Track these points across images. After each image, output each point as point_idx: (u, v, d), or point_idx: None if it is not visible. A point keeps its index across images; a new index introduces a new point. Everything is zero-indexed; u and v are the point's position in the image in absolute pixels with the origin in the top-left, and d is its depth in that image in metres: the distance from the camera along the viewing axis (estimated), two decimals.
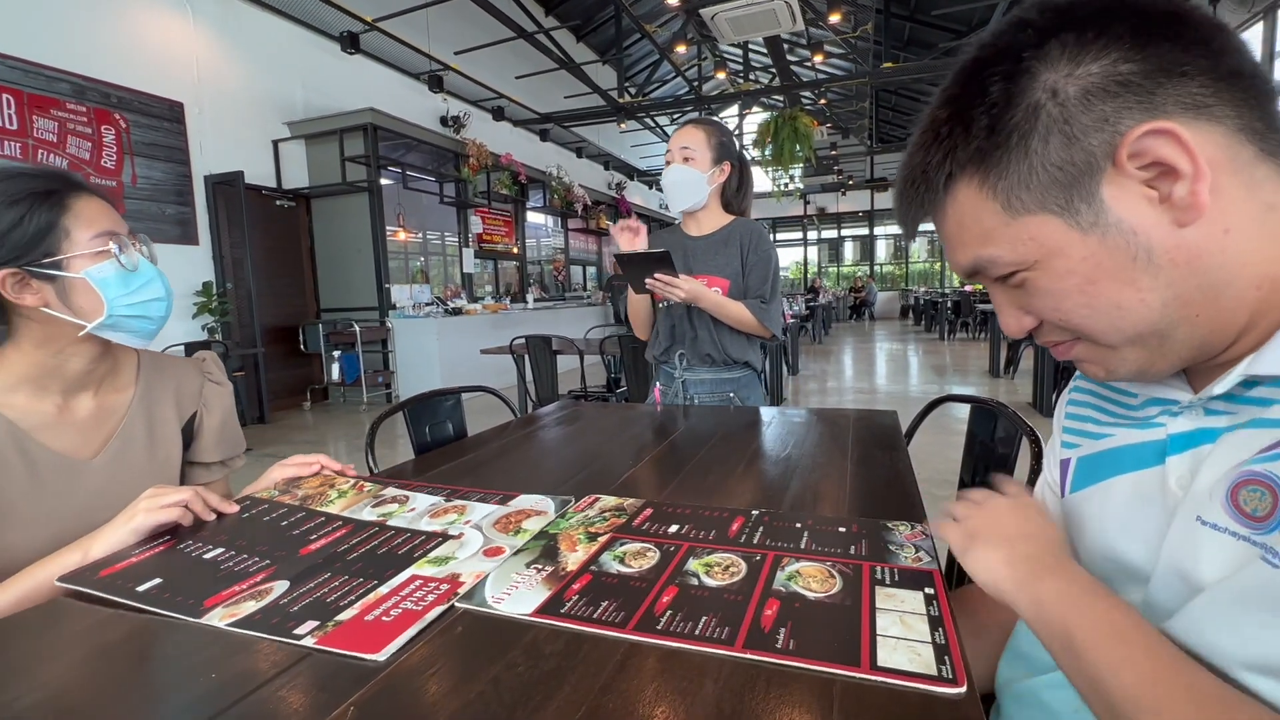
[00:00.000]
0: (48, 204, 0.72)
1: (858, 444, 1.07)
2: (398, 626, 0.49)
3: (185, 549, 0.65)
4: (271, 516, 0.74)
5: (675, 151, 1.56)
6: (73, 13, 4.31)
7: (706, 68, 10.91)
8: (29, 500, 0.73)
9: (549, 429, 1.30)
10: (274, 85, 5.78)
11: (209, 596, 0.55)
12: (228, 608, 0.53)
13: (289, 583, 0.57)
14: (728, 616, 0.49)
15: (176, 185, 4.95)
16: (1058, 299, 0.44)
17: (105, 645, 0.50)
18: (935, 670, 0.41)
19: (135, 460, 0.83)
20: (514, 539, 0.65)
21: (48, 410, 0.77)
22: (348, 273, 6.25)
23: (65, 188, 0.74)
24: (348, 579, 0.58)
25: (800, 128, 8.14)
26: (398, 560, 0.62)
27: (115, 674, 0.46)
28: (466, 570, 0.59)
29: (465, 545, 0.64)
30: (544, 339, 3.78)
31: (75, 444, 0.78)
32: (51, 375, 0.77)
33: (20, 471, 0.73)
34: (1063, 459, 0.57)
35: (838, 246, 18.40)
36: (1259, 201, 0.39)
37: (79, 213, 0.74)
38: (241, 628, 0.50)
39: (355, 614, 0.51)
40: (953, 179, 0.44)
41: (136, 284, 0.77)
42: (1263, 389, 0.41)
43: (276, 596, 0.55)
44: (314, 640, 0.48)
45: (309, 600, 0.54)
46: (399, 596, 0.54)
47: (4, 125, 3.94)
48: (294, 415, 5.64)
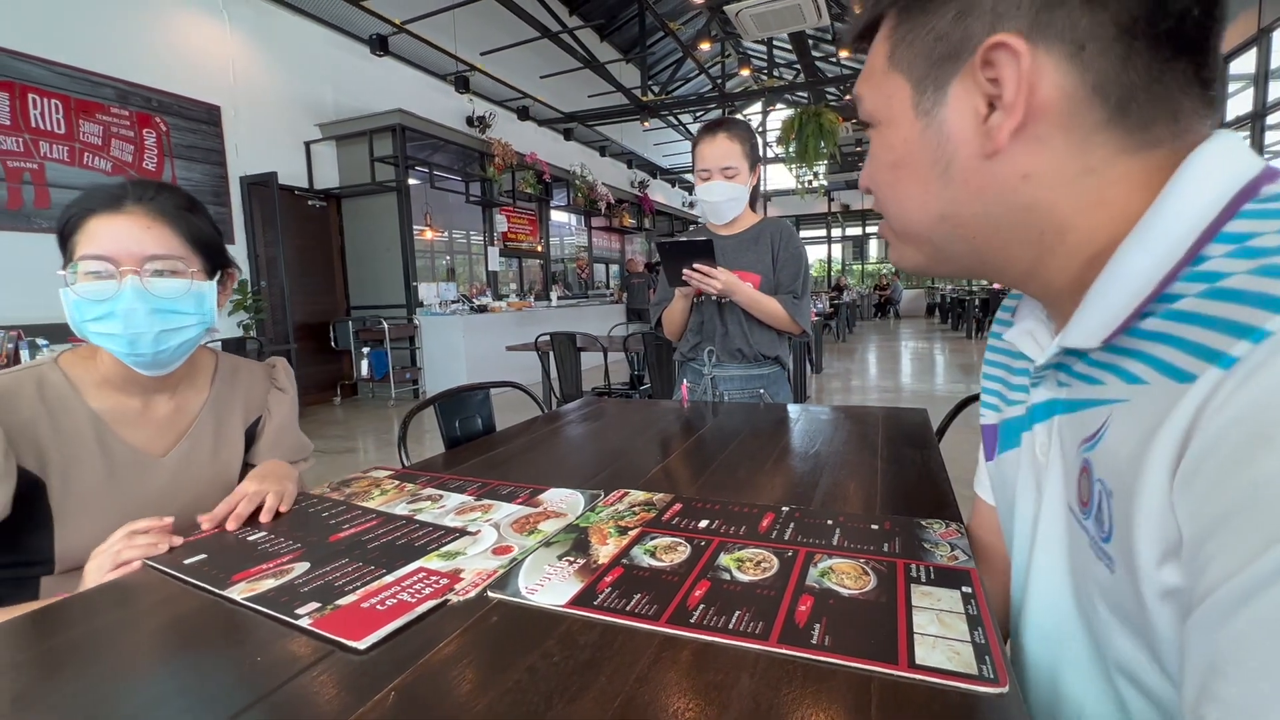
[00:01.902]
0: (72, 217, 0.75)
1: (887, 442, 1.05)
2: (387, 617, 0.50)
3: (239, 532, 0.70)
4: (315, 509, 0.77)
5: (716, 170, 1.50)
6: (118, 20, 4.46)
7: (730, 65, 10.84)
8: (103, 491, 0.76)
9: (575, 425, 1.30)
10: (306, 88, 5.90)
11: (238, 572, 0.59)
12: (250, 583, 0.57)
13: (310, 565, 0.60)
14: (761, 611, 0.49)
15: (213, 186, 5.09)
16: (874, 168, 0.45)
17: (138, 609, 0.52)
18: (976, 669, 0.41)
19: (200, 460, 0.85)
20: (527, 539, 0.65)
21: (132, 407, 0.81)
22: (376, 271, 6.37)
23: (103, 206, 0.75)
24: (360, 565, 0.60)
25: (825, 124, 8.05)
26: (412, 552, 0.63)
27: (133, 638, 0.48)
28: (470, 567, 0.59)
29: (478, 542, 0.65)
30: (568, 336, 3.80)
31: (150, 440, 0.82)
32: (126, 378, 0.80)
33: (98, 462, 0.76)
34: (985, 424, 0.58)
35: (862, 244, 18.15)
36: (1079, 162, 0.36)
37: (89, 231, 0.74)
38: (254, 603, 0.53)
39: (355, 600, 0.53)
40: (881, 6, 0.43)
41: (94, 314, 0.73)
42: (1085, 365, 0.40)
43: (294, 577, 0.58)
44: (309, 621, 0.50)
45: (320, 583, 0.56)
46: (400, 587, 0.55)
47: (53, 129, 4.09)
48: (325, 410, 5.76)
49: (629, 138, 11.37)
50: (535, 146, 8.36)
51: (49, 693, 0.43)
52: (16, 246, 3.90)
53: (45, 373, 0.76)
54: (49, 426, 0.74)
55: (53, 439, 0.74)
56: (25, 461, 0.71)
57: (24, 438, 0.71)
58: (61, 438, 0.74)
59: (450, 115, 7.29)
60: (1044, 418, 0.46)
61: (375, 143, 6.02)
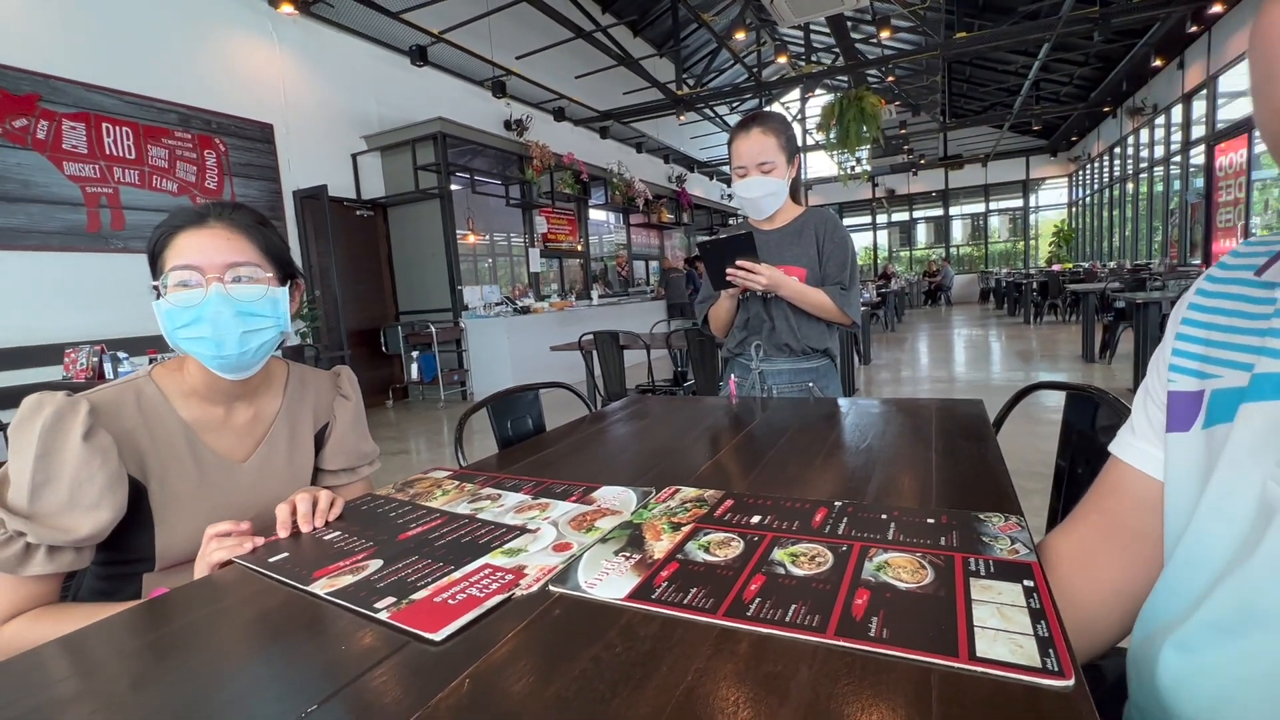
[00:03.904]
0: (160, 236, 0.81)
1: (941, 434, 1.03)
2: (459, 610, 0.53)
3: (315, 533, 0.75)
4: (384, 509, 0.81)
5: (752, 167, 1.48)
6: (178, 48, 4.73)
7: (766, 53, 10.68)
8: (194, 494, 0.82)
9: (622, 423, 1.32)
10: (351, 101, 6.13)
11: (319, 568, 0.63)
12: (331, 579, 0.61)
13: (383, 562, 0.64)
14: (817, 605, 0.50)
15: (269, 201, 5.34)
16: None
17: (232, 602, 0.56)
18: (1039, 663, 0.40)
19: (277, 464, 0.91)
20: (584, 536, 0.67)
21: (215, 415, 0.87)
22: (423, 276, 6.56)
23: (188, 222, 0.81)
24: (430, 562, 0.63)
25: (867, 108, 7.86)
26: (477, 549, 0.66)
27: (228, 629, 0.52)
28: (533, 563, 0.61)
29: (539, 539, 0.68)
30: (611, 334, 3.84)
31: (232, 446, 0.88)
32: (211, 386, 0.86)
33: (190, 467, 0.83)
34: (1177, 391, 0.50)
35: (909, 229, 17.61)
36: None
37: (177, 246, 0.80)
38: (336, 597, 0.57)
39: (428, 594, 0.56)
40: None
41: (183, 321, 0.79)
42: None
43: (370, 573, 0.61)
44: (388, 615, 0.53)
45: (394, 579, 0.60)
46: (468, 582, 0.58)
47: (125, 155, 4.37)
48: (378, 413, 5.98)
49: (665, 133, 11.35)
50: (572, 146, 8.44)
51: (160, 678, 0.47)
52: (98, 267, 4.18)
53: (141, 385, 0.83)
54: (147, 435, 0.80)
55: (151, 447, 0.80)
56: (129, 468, 0.77)
57: (128, 446, 0.77)
58: (158, 445, 0.81)
59: (488, 120, 7.44)
60: None
61: (418, 151, 6.20)
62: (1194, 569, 0.45)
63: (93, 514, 0.71)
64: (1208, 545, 0.45)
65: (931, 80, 9.99)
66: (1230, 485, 0.43)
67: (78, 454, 0.70)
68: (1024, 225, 16.34)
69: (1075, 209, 15.49)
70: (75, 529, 0.70)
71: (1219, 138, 7.75)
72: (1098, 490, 0.58)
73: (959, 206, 16.80)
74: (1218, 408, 0.47)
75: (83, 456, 0.71)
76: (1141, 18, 7.21)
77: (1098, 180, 13.52)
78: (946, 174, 16.05)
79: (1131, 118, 10.69)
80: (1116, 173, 12.12)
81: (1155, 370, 0.54)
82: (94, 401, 0.75)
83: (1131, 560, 0.54)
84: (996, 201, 16.52)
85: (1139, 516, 0.54)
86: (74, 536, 0.70)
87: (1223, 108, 7.80)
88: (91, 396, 0.76)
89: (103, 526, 0.72)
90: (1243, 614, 0.40)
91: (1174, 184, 9.39)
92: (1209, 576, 0.44)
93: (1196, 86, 8.27)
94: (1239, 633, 0.41)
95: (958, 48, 7.54)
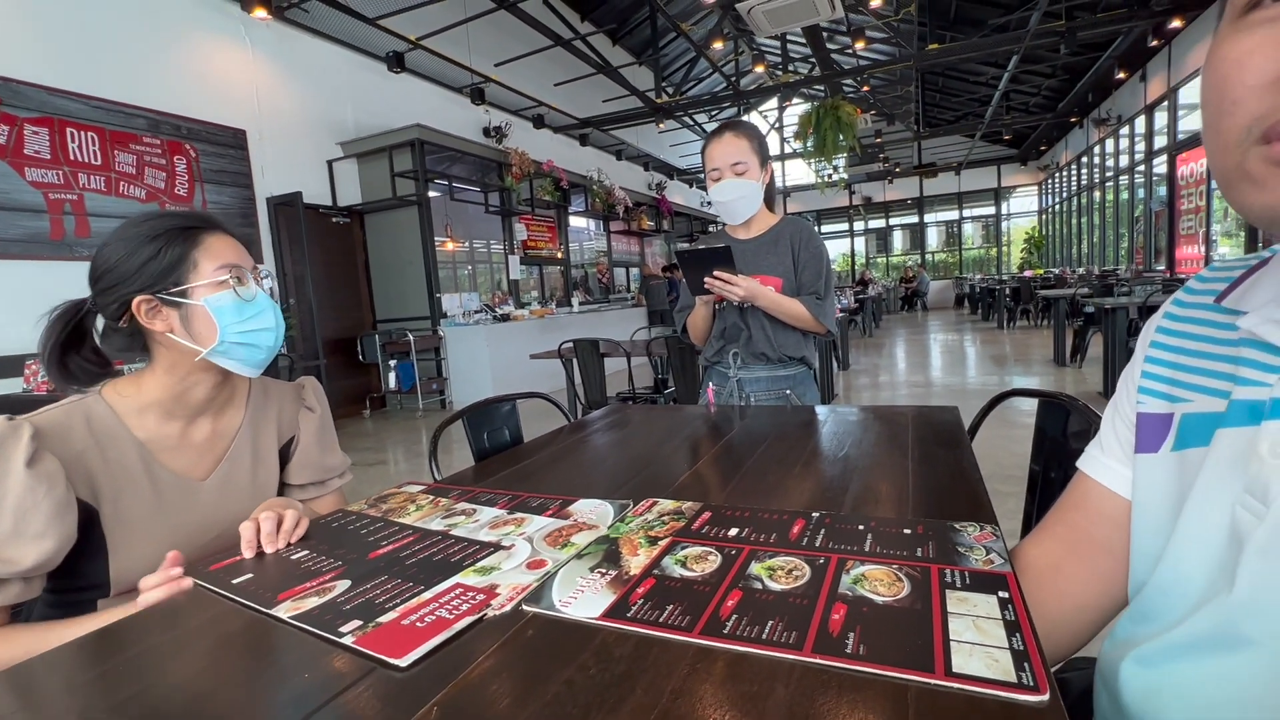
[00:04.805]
0: (183, 238, 0.80)
1: (918, 442, 1.04)
2: (427, 633, 0.51)
3: (282, 551, 0.72)
4: (355, 526, 0.79)
5: (725, 168, 1.50)
6: (147, 52, 4.62)
7: (744, 62, 10.80)
8: (151, 516, 0.79)
9: (602, 433, 1.31)
10: (326, 107, 6.05)
11: (284, 590, 0.61)
12: (295, 601, 0.59)
13: (351, 582, 0.62)
14: (794, 620, 0.49)
15: (242, 208, 5.24)
16: None
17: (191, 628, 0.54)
18: (1015, 677, 0.40)
19: (240, 481, 0.88)
20: (559, 553, 0.66)
21: (172, 433, 0.84)
22: (400, 284, 6.48)
23: (203, 226, 0.82)
24: (400, 582, 0.61)
25: (843, 116, 7.97)
26: (449, 568, 0.64)
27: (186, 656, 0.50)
28: (506, 582, 0.60)
29: (512, 556, 0.66)
30: (591, 342, 3.82)
31: (191, 465, 0.85)
32: (178, 401, 0.83)
33: (146, 489, 0.80)
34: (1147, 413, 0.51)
35: (886, 236, 17.88)
36: None
37: (208, 247, 0.81)
38: (300, 621, 0.55)
39: (396, 616, 0.54)
40: None
41: (249, 314, 0.82)
42: None
43: (337, 594, 0.60)
44: (353, 639, 0.51)
45: (362, 600, 0.58)
46: (438, 603, 0.56)
47: (90, 161, 4.26)
48: (355, 423, 5.88)
49: (645, 140, 11.39)
50: (552, 154, 8.43)
51: (111, 711, 0.45)
52: (61, 275, 4.06)
53: (91, 405, 0.80)
54: (99, 457, 0.77)
55: (103, 468, 0.77)
56: (79, 491, 0.74)
57: (78, 469, 0.74)
58: (110, 467, 0.78)
59: (467, 127, 7.39)
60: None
61: (395, 158, 6.14)
62: (1169, 595, 0.46)
63: (38, 543, 0.67)
64: (1185, 572, 0.45)
65: (905, 90, 10.18)
66: (1204, 511, 0.44)
67: (21, 481, 0.67)
68: (996, 232, 16.69)
69: (1045, 216, 15.87)
70: (20, 560, 0.67)
71: (1180, 148, 8.01)
72: (1065, 503, 0.59)
73: (934, 214, 17.11)
74: (1189, 431, 0.48)
75: (27, 484, 0.67)
76: (1105, 32, 7.43)
77: (1066, 188, 13.88)
78: (921, 182, 16.34)
79: (1097, 128, 11.00)
80: (1084, 181, 12.45)
81: (1125, 388, 0.55)
82: (38, 424, 0.72)
83: (1094, 574, 0.55)
84: (970, 209, 16.85)
85: (1105, 532, 0.54)
86: (19, 568, 0.67)
87: (1183, 119, 8.06)
88: (35, 419, 0.73)
89: (50, 556, 0.69)
90: (1219, 639, 0.41)
91: (1139, 192, 9.67)
92: (1186, 603, 0.44)
93: (1158, 98, 8.54)
94: (1212, 654, 0.41)
95: (930, 59, 7.69)
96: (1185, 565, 0.45)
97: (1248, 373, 0.44)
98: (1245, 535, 0.41)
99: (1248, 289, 0.47)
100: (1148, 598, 0.49)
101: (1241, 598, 0.40)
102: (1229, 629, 0.41)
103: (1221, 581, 0.42)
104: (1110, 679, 0.48)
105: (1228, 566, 0.42)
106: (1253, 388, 0.43)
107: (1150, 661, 0.45)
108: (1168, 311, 0.54)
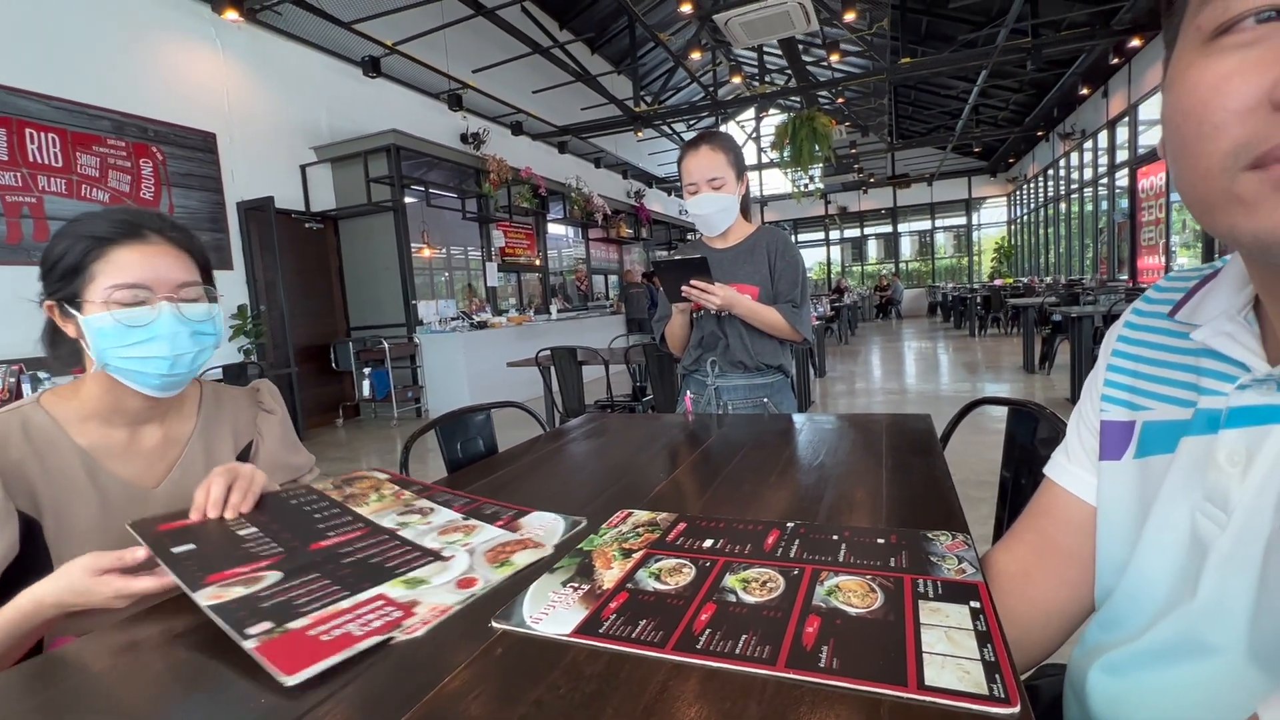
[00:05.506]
0: (90, 247, 0.75)
1: (891, 450, 1.05)
2: (327, 650, 0.48)
3: (233, 523, 0.71)
4: (311, 506, 0.78)
5: (702, 183, 1.51)
6: (112, 53, 4.51)
7: (721, 72, 10.91)
8: (98, 526, 0.76)
9: (578, 442, 1.30)
10: (300, 112, 5.96)
11: (215, 572, 0.59)
12: (221, 588, 0.57)
13: (282, 575, 0.60)
14: (768, 634, 0.49)
15: (211, 213, 5.12)
16: None
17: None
18: (986, 689, 0.40)
19: (193, 489, 0.85)
20: (494, 573, 0.63)
21: (118, 439, 0.81)
22: (375, 291, 6.39)
23: (122, 235, 0.76)
24: (328, 583, 0.59)
25: (819, 128, 8.10)
26: (381, 573, 0.62)
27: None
28: (428, 600, 0.57)
29: (448, 570, 0.63)
30: (569, 350, 3.80)
31: (140, 473, 0.82)
32: (114, 409, 0.81)
33: (91, 497, 0.77)
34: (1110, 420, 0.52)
35: (861, 245, 18.18)
36: None
37: (115, 260, 0.75)
38: (216, 613, 0.53)
39: (306, 624, 0.52)
40: None
41: (133, 339, 0.75)
42: None
43: (263, 587, 0.58)
44: (255, 644, 0.49)
45: (283, 598, 0.56)
46: (353, 615, 0.54)
47: (50, 163, 4.13)
48: (328, 432, 5.76)
49: (624, 148, 11.43)
50: (530, 161, 8.41)
51: None
52: (18, 280, 3.92)
53: (29, 413, 0.77)
54: (38, 466, 0.74)
55: (43, 478, 0.74)
56: (19, 503, 0.71)
57: (15, 479, 0.71)
58: (51, 476, 0.75)
59: (444, 133, 7.34)
60: (1244, 424, 0.41)
61: (370, 163, 6.06)
62: (1136, 602, 0.46)
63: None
64: (1150, 579, 0.46)
65: (879, 102, 10.38)
66: (1167, 518, 0.45)
67: None
68: (968, 242, 17.07)
69: (1014, 227, 16.28)
70: None
71: (1140, 162, 8.29)
72: (1034, 510, 0.59)
73: (907, 223, 17.44)
74: (1150, 439, 0.48)
75: None
76: (1069, 49, 7.68)
77: (1034, 200, 14.26)
78: (895, 192, 16.65)
79: (1063, 141, 11.34)
80: (1051, 193, 12.81)
81: (1089, 396, 0.56)
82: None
83: (1063, 581, 0.55)
84: (942, 219, 17.22)
85: (1072, 538, 0.55)
86: None
87: (1143, 134, 8.35)
88: None
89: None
90: (1183, 647, 0.41)
91: (1102, 204, 9.98)
92: (1151, 610, 0.45)
93: (1119, 114, 8.84)
94: (1177, 662, 0.42)
95: (903, 72, 7.86)
96: (1150, 572, 0.46)
97: (1209, 382, 0.45)
98: (1207, 543, 0.41)
99: (1200, 301, 0.48)
100: (1115, 605, 0.49)
101: (1204, 606, 0.41)
102: (1192, 637, 0.42)
103: (1184, 589, 0.43)
104: (1079, 687, 0.49)
105: (1190, 574, 0.42)
106: (1213, 397, 0.44)
107: (1117, 669, 0.45)
108: (1128, 321, 0.55)
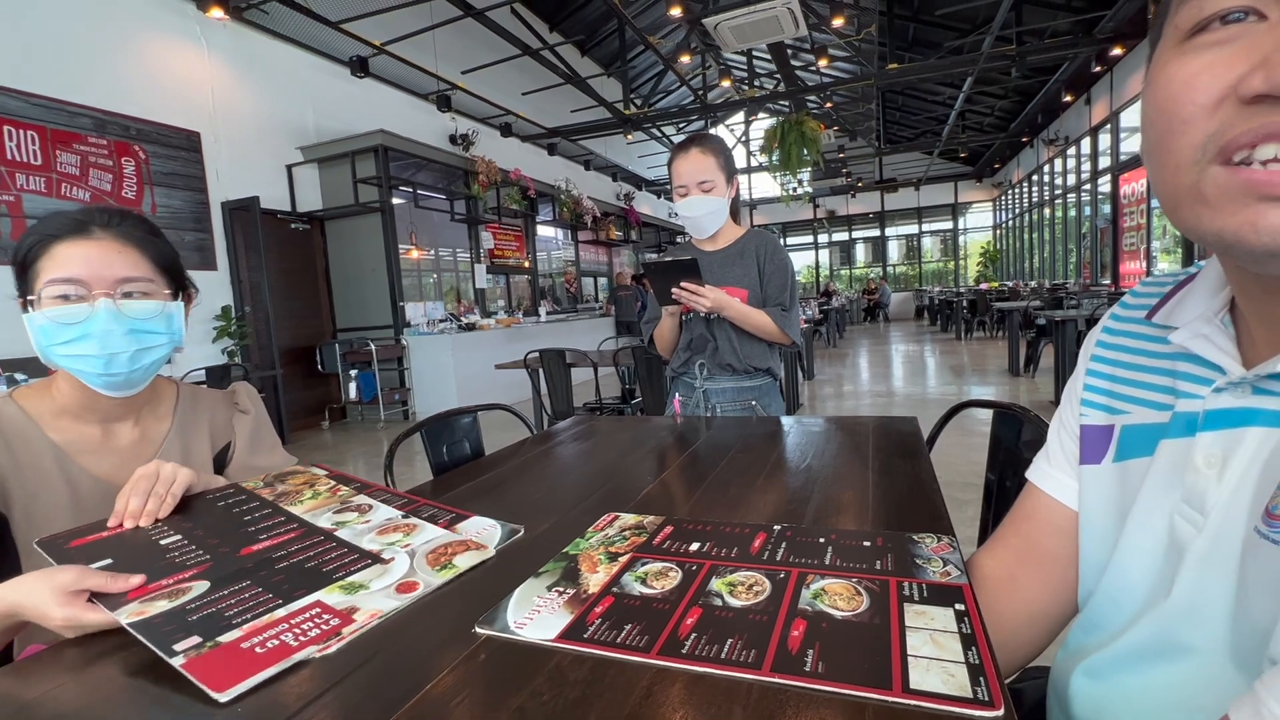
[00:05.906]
0: (35, 243, 0.75)
1: (878, 453, 1.05)
2: (261, 663, 0.47)
3: (153, 530, 0.68)
4: (241, 508, 0.75)
5: (692, 186, 1.51)
6: (94, 50, 4.44)
7: (711, 76, 10.95)
8: (69, 522, 0.75)
9: (566, 445, 1.29)
10: (286, 111, 5.90)
11: (136, 588, 0.57)
12: (143, 603, 0.55)
13: (210, 584, 0.58)
14: (754, 638, 0.48)
15: (195, 213, 5.06)
16: None
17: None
18: (970, 693, 0.40)
19: None
20: (434, 576, 0.62)
21: (91, 436, 0.80)
22: (362, 292, 6.34)
23: (68, 231, 0.75)
24: (260, 591, 0.58)
25: (807, 132, 8.15)
26: (318, 578, 0.60)
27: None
28: (366, 606, 0.56)
29: (387, 574, 0.62)
30: (558, 353, 3.79)
31: (115, 470, 0.81)
32: (84, 405, 0.80)
33: (63, 493, 0.76)
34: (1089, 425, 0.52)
35: (849, 249, 18.30)
36: None
37: (55, 256, 0.75)
38: (139, 631, 0.51)
39: (239, 636, 0.51)
40: None
41: (65, 337, 0.74)
42: None
43: (188, 599, 0.56)
44: (183, 661, 0.47)
45: (212, 610, 0.54)
46: (288, 625, 0.52)
47: (29, 161, 4.05)
48: (313, 435, 5.70)
49: (613, 151, 11.44)
50: (519, 162, 8.38)
51: None
52: None
53: (0, 407, 0.76)
54: (8, 460, 0.73)
55: (13, 473, 0.73)
56: None
57: None
58: (21, 471, 0.74)
59: (433, 134, 7.30)
60: (1220, 427, 0.41)
61: (358, 164, 6.02)
62: (1116, 604, 0.47)
63: None
64: (1129, 580, 0.46)
65: (867, 108, 10.47)
66: (1146, 520, 0.45)
67: None
68: (954, 246, 17.25)
69: (1000, 231, 16.48)
70: None
71: (1123, 168, 8.43)
72: (1017, 513, 0.60)
73: (894, 228, 17.59)
74: (1129, 442, 0.49)
75: None
76: (1052, 57, 7.79)
77: (1019, 205, 14.44)
78: (882, 197, 16.79)
79: (1047, 147, 11.50)
80: (1035, 198, 12.98)
81: (1069, 400, 0.56)
82: None
83: (1046, 584, 0.56)
84: (929, 223, 17.39)
85: (1055, 542, 0.55)
86: None
87: (1125, 141, 8.49)
88: None
89: None
90: (1159, 648, 0.42)
91: (1085, 210, 10.13)
92: (1129, 611, 0.45)
93: (1102, 121, 8.98)
94: (1155, 663, 0.42)
95: (890, 78, 7.93)
96: (1129, 574, 0.46)
97: (1186, 386, 0.45)
98: (1185, 545, 0.42)
99: (1177, 304, 0.48)
100: (1096, 607, 0.50)
101: (1179, 606, 0.41)
102: (1168, 637, 0.42)
103: (1160, 590, 0.43)
104: (1061, 690, 0.49)
105: (1166, 575, 0.43)
106: (1189, 400, 0.44)
107: (1098, 673, 0.46)
108: (1105, 326, 0.55)
